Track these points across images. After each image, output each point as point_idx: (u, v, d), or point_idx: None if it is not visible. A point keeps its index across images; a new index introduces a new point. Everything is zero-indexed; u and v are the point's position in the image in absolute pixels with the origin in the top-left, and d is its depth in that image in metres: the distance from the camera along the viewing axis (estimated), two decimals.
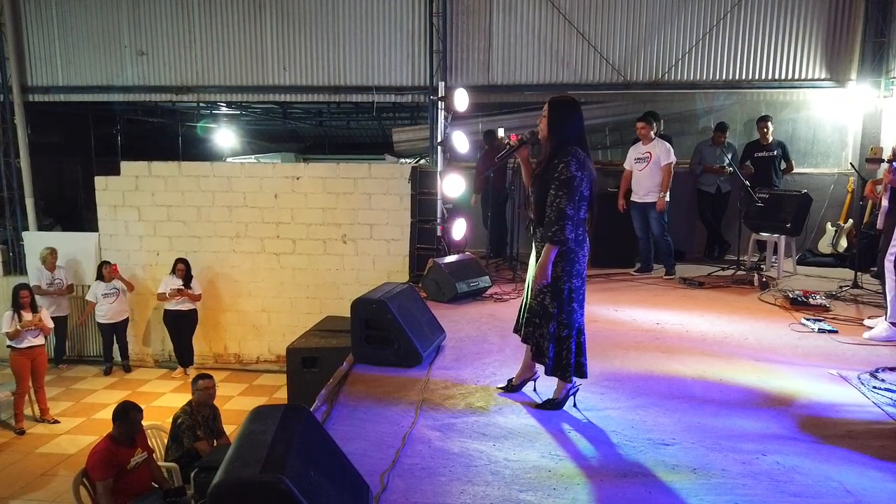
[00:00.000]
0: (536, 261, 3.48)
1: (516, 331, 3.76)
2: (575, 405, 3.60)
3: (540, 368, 3.69)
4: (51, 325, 7.56)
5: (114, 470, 4.41)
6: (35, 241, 9.43)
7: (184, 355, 8.95)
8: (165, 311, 8.80)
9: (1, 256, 9.83)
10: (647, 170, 7.09)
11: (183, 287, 8.65)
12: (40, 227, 10.18)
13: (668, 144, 7.12)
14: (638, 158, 7.18)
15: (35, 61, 9.87)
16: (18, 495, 5.85)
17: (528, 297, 3.58)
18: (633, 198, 7.27)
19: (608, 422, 3.43)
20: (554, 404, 3.57)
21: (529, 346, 3.62)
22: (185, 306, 8.75)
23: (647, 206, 7.15)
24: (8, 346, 7.23)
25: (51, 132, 11.63)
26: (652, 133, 7.13)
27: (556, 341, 3.43)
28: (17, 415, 7.18)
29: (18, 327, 7.09)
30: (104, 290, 8.74)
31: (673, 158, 7.07)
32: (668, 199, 7.04)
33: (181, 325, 8.84)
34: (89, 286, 9.04)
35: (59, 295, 8.85)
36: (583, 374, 3.55)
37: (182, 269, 8.67)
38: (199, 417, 5.18)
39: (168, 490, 4.67)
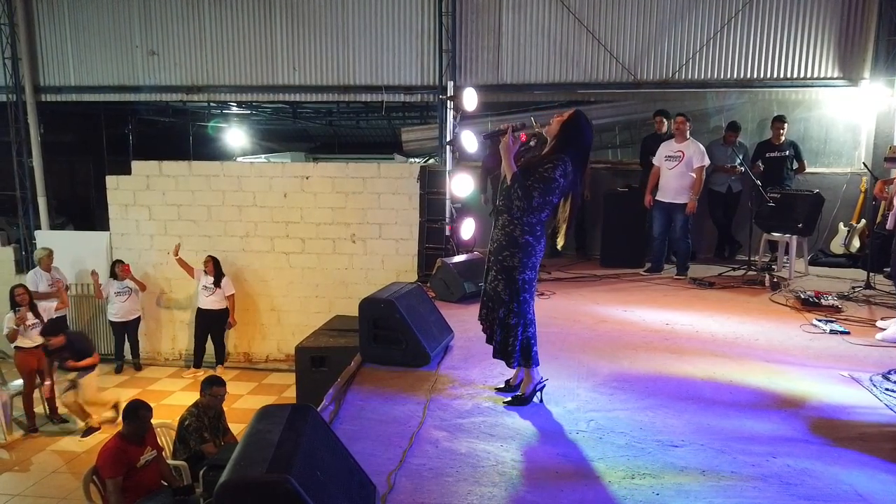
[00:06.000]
0: (494, 247, 3.54)
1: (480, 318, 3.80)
2: (541, 401, 3.61)
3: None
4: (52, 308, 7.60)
5: (124, 468, 4.43)
6: (47, 241, 9.49)
7: (216, 353, 9.02)
8: (199, 310, 8.86)
9: (13, 255, 9.91)
10: (677, 170, 6.95)
11: (212, 285, 8.71)
12: (52, 226, 10.26)
13: (701, 146, 6.97)
14: (669, 156, 7.04)
15: (47, 61, 9.95)
16: (30, 493, 5.89)
17: (486, 282, 3.66)
18: (659, 197, 7.14)
19: (617, 423, 3.41)
20: (521, 400, 3.59)
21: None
22: (214, 306, 8.79)
23: (675, 208, 7.05)
24: (14, 347, 7.23)
25: (63, 132, 11.71)
26: (688, 131, 6.99)
27: (503, 327, 3.52)
28: (28, 413, 7.22)
29: (14, 325, 7.05)
30: (116, 288, 8.79)
31: (706, 161, 6.94)
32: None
33: (211, 324, 8.89)
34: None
35: (61, 294, 8.76)
36: (536, 363, 3.60)
37: (210, 266, 8.71)
38: (206, 419, 5.18)
39: (177, 488, 4.69)
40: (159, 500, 4.58)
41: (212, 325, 8.90)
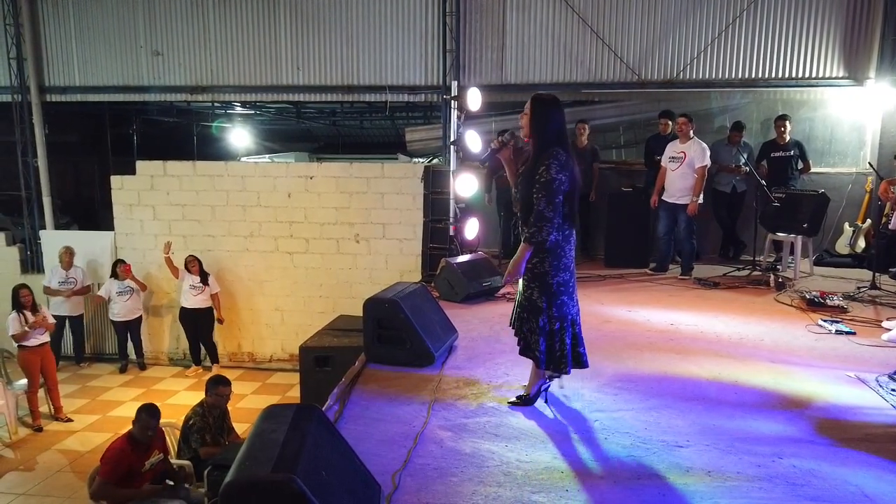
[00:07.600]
0: None
1: (511, 324, 3.73)
2: (546, 401, 3.59)
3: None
4: (52, 321, 7.57)
5: (123, 471, 4.40)
6: (52, 240, 9.52)
7: (208, 353, 9.01)
8: (182, 308, 8.87)
9: (19, 255, 9.94)
10: (680, 170, 6.96)
11: (200, 284, 8.72)
12: (57, 226, 10.29)
13: (704, 145, 6.98)
14: (672, 157, 7.06)
15: (52, 62, 9.97)
16: (35, 492, 5.90)
17: (519, 292, 3.61)
18: (664, 197, 7.16)
19: (622, 423, 3.40)
20: (525, 400, 3.58)
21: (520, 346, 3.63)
22: (202, 304, 8.80)
23: (678, 208, 7.06)
24: (18, 346, 7.25)
25: (68, 132, 11.76)
26: (691, 131, 6.99)
27: (546, 335, 3.46)
28: (34, 412, 7.24)
29: (27, 328, 7.10)
30: (118, 288, 8.81)
31: (708, 161, 6.94)
32: (701, 201, 6.95)
33: (198, 323, 8.89)
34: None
35: (73, 295, 8.89)
36: (583, 364, 3.57)
37: (195, 266, 8.71)
38: (211, 419, 5.18)
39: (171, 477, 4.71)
40: (162, 502, 4.58)
41: (197, 322, 8.86)
